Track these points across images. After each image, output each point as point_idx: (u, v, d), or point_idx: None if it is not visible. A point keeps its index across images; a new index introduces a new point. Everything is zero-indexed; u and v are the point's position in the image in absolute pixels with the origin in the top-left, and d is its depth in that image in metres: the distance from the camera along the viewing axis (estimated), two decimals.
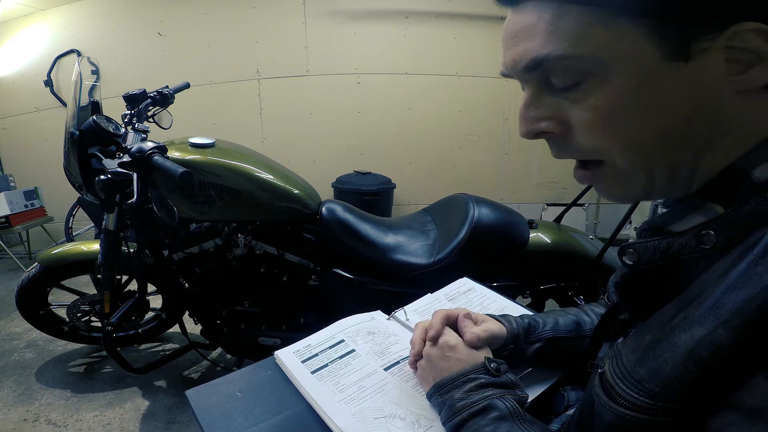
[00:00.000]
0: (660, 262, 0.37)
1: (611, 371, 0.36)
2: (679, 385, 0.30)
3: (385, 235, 1.35)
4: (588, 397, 0.40)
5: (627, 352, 0.35)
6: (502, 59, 0.38)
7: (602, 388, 0.36)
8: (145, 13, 3.12)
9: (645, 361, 0.33)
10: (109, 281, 1.45)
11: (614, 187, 0.38)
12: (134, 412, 1.51)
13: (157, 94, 1.42)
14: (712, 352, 0.28)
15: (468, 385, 0.49)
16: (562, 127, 0.36)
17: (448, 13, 3.25)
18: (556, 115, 0.36)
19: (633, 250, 0.38)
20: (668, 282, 0.37)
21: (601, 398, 0.36)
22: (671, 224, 0.37)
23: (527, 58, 0.34)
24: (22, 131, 3.32)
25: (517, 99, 3.48)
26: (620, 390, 0.34)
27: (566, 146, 0.37)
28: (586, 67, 0.32)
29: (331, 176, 3.12)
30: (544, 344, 0.60)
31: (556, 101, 0.36)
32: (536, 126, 0.37)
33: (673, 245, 0.35)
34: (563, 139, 0.37)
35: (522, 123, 0.38)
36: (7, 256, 2.94)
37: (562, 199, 3.59)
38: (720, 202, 0.34)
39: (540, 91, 0.36)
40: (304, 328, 1.45)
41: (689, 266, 0.35)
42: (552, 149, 0.39)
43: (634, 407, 0.32)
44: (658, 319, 0.35)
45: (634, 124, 0.33)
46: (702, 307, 0.30)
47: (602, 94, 0.33)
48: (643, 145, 0.33)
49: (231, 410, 0.55)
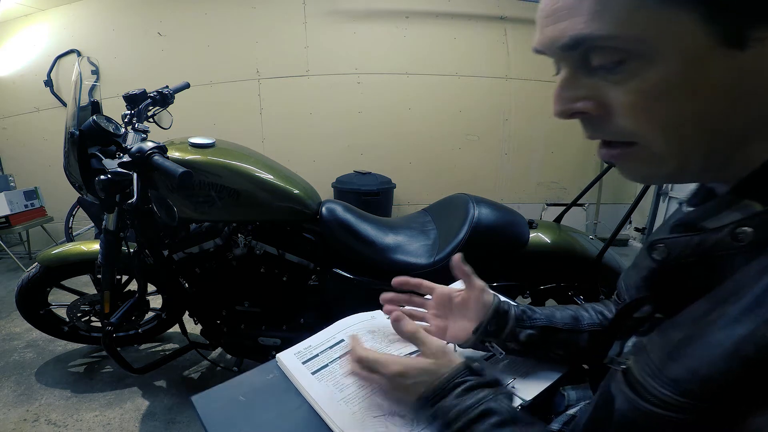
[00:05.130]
0: (691, 258, 0.36)
1: (639, 368, 0.35)
2: (718, 383, 0.29)
3: (385, 235, 1.35)
4: (604, 393, 0.40)
5: (655, 348, 0.35)
6: (537, 36, 0.37)
7: (628, 385, 0.35)
8: (145, 13, 3.12)
9: (677, 358, 0.32)
10: (109, 281, 1.45)
11: (642, 168, 0.37)
12: (134, 412, 1.51)
13: (157, 94, 1.42)
14: (758, 351, 0.27)
15: (456, 390, 0.48)
16: (599, 108, 0.35)
17: (448, 13, 3.25)
18: (594, 95, 0.35)
19: (663, 245, 0.38)
20: (697, 278, 0.36)
21: (627, 395, 0.35)
22: (705, 221, 0.36)
23: (568, 36, 0.33)
24: (22, 131, 3.32)
25: (517, 99, 3.50)
26: (651, 387, 0.33)
27: (602, 127, 0.36)
28: (631, 48, 0.31)
29: (331, 176, 3.13)
30: (537, 332, 0.60)
31: (594, 82, 0.34)
32: (572, 106, 0.36)
33: (707, 241, 0.35)
34: (599, 119, 0.36)
35: (557, 102, 0.37)
36: (7, 256, 2.94)
37: (562, 199, 3.59)
38: (758, 199, 0.33)
39: (577, 71, 0.35)
40: (304, 328, 1.45)
41: (722, 263, 0.34)
42: (586, 130, 0.38)
43: (666, 405, 0.31)
44: (689, 316, 0.34)
45: (676, 109, 0.32)
46: (740, 304, 0.30)
47: (646, 76, 0.31)
48: (682, 130, 0.33)
49: (235, 415, 0.56)
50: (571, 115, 0.37)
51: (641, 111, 0.33)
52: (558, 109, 0.37)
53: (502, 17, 3.25)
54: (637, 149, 0.36)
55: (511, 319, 0.60)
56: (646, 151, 0.35)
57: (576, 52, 0.34)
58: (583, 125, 0.38)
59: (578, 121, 0.38)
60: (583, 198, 1.51)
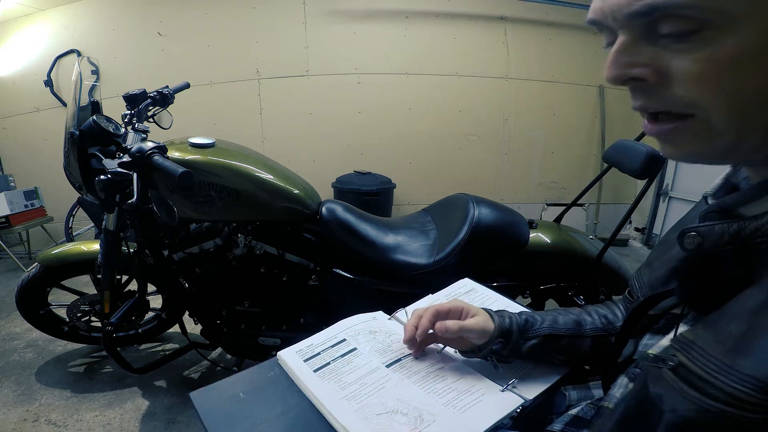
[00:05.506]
0: (728, 246, 0.35)
1: (698, 364, 0.33)
2: None
3: (385, 235, 1.35)
4: (639, 394, 0.38)
5: (708, 343, 0.33)
6: (597, 4, 0.36)
7: (686, 382, 0.33)
8: (145, 13, 3.12)
9: (747, 353, 0.31)
10: (109, 281, 1.45)
11: (693, 143, 0.35)
12: (134, 412, 1.51)
13: (157, 94, 1.42)
14: None
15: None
16: (657, 76, 0.34)
17: (448, 13, 3.25)
18: (654, 63, 0.33)
19: (696, 234, 0.37)
20: (733, 268, 0.35)
21: (686, 394, 0.33)
22: (742, 206, 0.36)
23: (642, 3, 0.32)
24: (22, 131, 3.31)
25: (517, 99, 3.50)
26: (722, 384, 0.31)
27: (657, 96, 0.35)
28: (710, 18, 0.30)
29: (331, 176, 3.12)
30: (540, 341, 0.60)
31: (656, 50, 0.33)
32: (627, 71, 0.35)
33: (746, 228, 0.34)
34: (656, 88, 0.34)
35: (612, 67, 0.35)
36: (7, 256, 2.94)
37: (562, 199, 3.60)
38: None
39: (639, 38, 0.34)
40: (304, 328, 1.45)
41: (762, 251, 0.34)
42: (637, 98, 0.36)
43: (740, 404, 0.30)
44: (742, 307, 0.33)
45: (747, 81, 0.31)
46: None
47: (722, 46, 0.30)
48: (748, 104, 0.32)
49: (235, 411, 0.56)
50: (624, 82, 0.35)
51: (708, 80, 0.32)
52: (613, 74, 0.35)
53: (502, 17, 3.25)
54: (692, 123, 0.34)
55: (514, 334, 0.60)
56: (702, 124, 0.34)
57: (645, 19, 0.32)
58: (634, 93, 0.37)
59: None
60: (583, 198, 1.51)
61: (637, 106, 0.37)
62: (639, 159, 1.09)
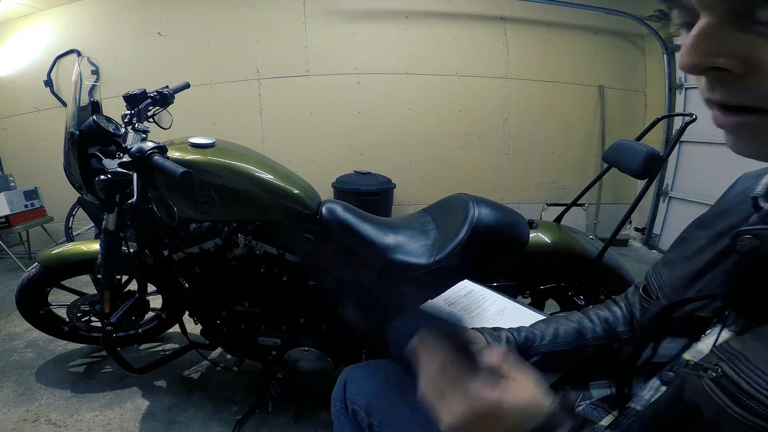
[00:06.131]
0: None
1: (743, 377, 0.31)
2: None
3: (385, 235, 1.35)
4: (673, 399, 0.36)
5: (757, 355, 0.31)
6: None
7: (730, 396, 0.31)
8: (145, 13, 3.12)
9: None
10: (109, 281, 1.45)
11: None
12: (134, 412, 1.51)
13: (157, 94, 1.42)
14: None
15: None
16: (745, 67, 0.29)
17: (448, 13, 3.25)
18: (743, 52, 0.29)
19: (753, 236, 0.35)
20: None
21: (730, 409, 0.31)
22: None
23: None
24: (22, 131, 3.32)
25: (517, 99, 3.50)
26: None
27: (742, 88, 0.30)
28: None
29: (331, 176, 3.12)
30: (541, 358, 0.58)
31: (749, 38, 0.29)
32: (712, 60, 0.30)
33: None
34: (741, 80, 0.30)
35: (694, 53, 0.30)
36: (7, 256, 2.94)
37: (562, 199, 3.60)
38: None
39: (727, 24, 0.29)
40: (304, 328, 1.44)
41: None
42: (714, 91, 0.32)
43: None
44: None
45: None
46: None
47: None
48: None
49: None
50: (703, 71, 0.31)
51: None
52: (692, 62, 0.30)
53: (502, 17, 3.25)
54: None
55: None
56: None
57: (742, 1, 0.28)
58: (712, 85, 0.32)
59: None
60: (583, 198, 1.51)
61: (716, 99, 0.32)
62: (639, 159, 1.09)
